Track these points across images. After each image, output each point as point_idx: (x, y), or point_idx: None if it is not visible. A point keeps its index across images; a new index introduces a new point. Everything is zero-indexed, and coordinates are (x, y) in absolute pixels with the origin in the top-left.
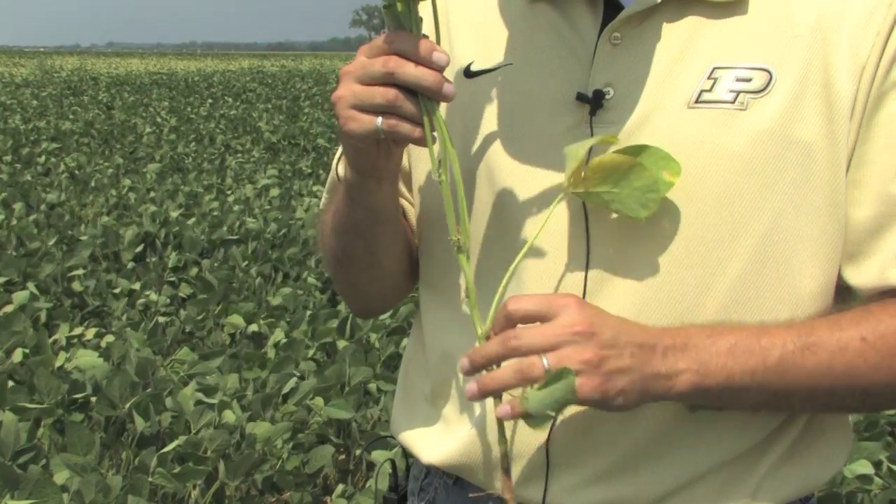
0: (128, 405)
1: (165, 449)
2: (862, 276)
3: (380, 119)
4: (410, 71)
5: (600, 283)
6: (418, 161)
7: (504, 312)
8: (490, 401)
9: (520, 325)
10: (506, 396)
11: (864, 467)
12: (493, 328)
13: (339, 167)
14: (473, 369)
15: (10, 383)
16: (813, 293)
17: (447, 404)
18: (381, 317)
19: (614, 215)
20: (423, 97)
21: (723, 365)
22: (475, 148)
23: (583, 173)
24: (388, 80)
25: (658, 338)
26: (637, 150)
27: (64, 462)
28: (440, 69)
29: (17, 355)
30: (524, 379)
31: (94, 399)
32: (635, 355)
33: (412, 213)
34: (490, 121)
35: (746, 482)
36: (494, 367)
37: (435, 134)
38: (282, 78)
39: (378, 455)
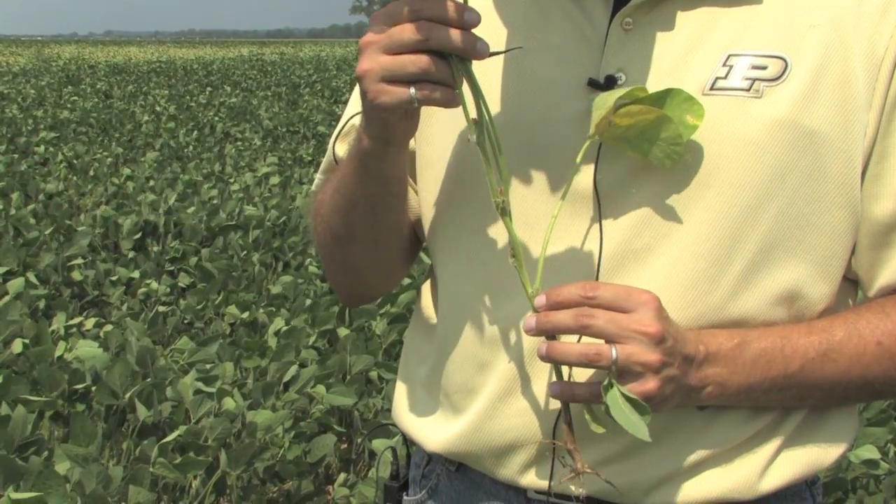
0: (128, 395)
1: (166, 439)
2: (878, 272)
3: (412, 89)
4: (445, 34)
5: (613, 270)
6: (424, 139)
7: (580, 292)
8: (492, 386)
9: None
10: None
11: (871, 452)
12: (561, 298)
13: (338, 147)
14: (538, 332)
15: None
16: (820, 283)
17: (450, 392)
18: (383, 304)
19: (627, 204)
20: (455, 58)
21: (747, 375)
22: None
23: (609, 122)
24: (420, 47)
25: (696, 347)
26: (661, 96)
27: (65, 453)
28: (472, 28)
29: (17, 346)
30: (588, 363)
31: (94, 389)
32: (681, 367)
33: (413, 196)
34: (497, 106)
35: (752, 464)
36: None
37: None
38: (281, 65)
39: (380, 444)
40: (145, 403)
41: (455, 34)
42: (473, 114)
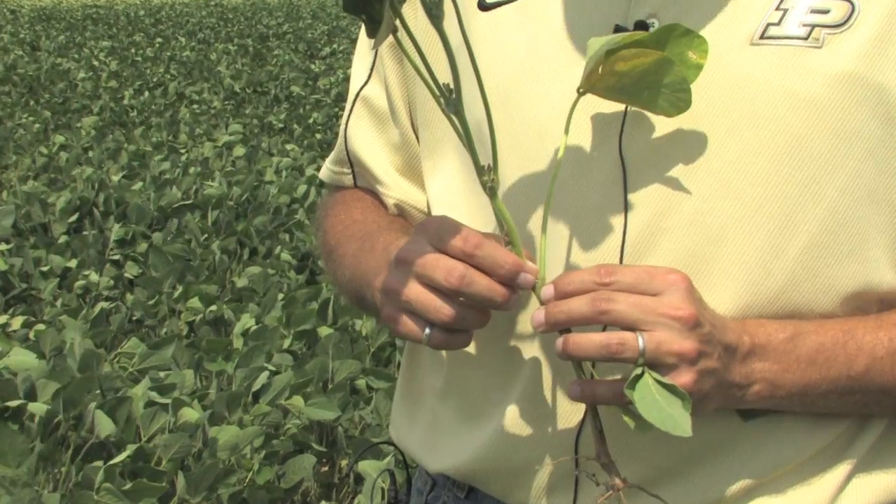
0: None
1: (113, 461)
2: None
3: (428, 330)
4: (483, 292)
5: (640, 253)
6: (441, 154)
7: (594, 278)
8: (508, 395)
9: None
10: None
11: None
12: (572, 287)
13: (351, 128)
14: (549, 327)
15: None
16: (892, 271)
17: (461, 402)
18: None
19: (659, 175)
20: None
21: (801, 374)
22: (492, 86)
23: (601, 71)
24: (451, 296)
25: (739, 337)
26: (661, 35)
27: None
28: (523, 289)
29: None
30: (611, 356)
31: (25, 403)
32: (721, 358)
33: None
34: (509, 59)
35: (819, 491)
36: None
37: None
38: (245, 12)
39: (368, 466)
40: (85, 419)
41: (493, 291)
42: (445, 79)
